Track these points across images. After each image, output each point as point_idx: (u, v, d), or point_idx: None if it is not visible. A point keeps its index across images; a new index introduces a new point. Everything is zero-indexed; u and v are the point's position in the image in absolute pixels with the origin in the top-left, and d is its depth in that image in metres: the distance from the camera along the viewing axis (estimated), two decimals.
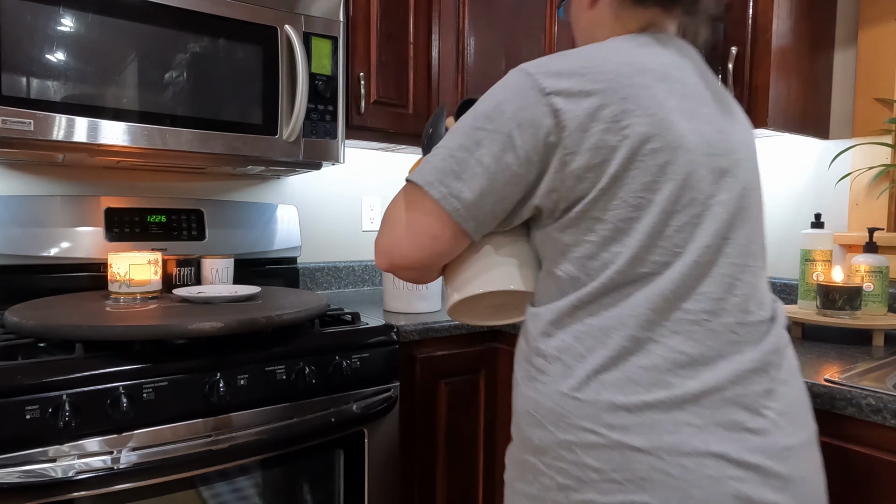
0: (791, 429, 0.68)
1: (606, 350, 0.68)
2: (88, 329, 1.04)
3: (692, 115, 0.71)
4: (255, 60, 1.41)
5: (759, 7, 1.33)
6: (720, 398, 0.66)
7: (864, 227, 1.48)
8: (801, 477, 0.67)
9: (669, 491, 0.63)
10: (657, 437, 0.64)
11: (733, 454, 0.64)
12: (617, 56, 0.71)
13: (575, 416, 0.68)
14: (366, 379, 1.31)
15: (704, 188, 0.70)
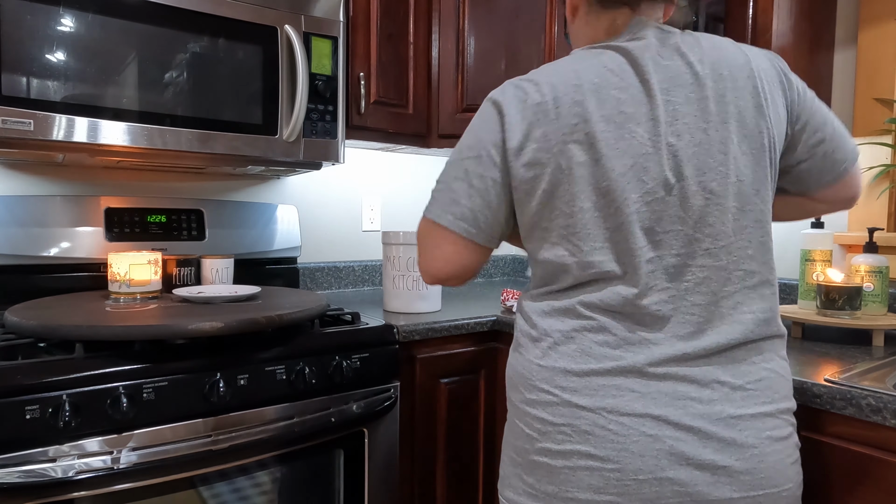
0: (744, 402, 0.76)
1: (567, 328, 0.81)
2: (88, 329, 1.04)
3: (621, 123, 0.78)
4: (255, 60, 1.41)
5: (759, 7, 1.33)
6: (666, 372, 0.76)
7: (863, 227, 1.48)
8: (748, 443, 0.75)
9: (608, 444, 0.75)
10: (600, 398, 0.76)
11: (672, 417, 0.74)
12: (557, 76, 0.82)
13: (537, 379, 0.81)
14: (366, 379, 1.31)
15: (631, 195, 0.78)
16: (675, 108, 0.79)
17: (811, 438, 0.96)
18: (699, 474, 0.74)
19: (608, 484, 0.75)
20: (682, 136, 0.78)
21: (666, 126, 0.78)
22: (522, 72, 1.75)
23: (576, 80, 0.81)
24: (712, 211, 0.78)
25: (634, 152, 0.78)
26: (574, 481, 0.77)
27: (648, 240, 0.79)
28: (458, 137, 1.80)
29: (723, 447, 0.74)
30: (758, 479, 0.75)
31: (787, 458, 0.78)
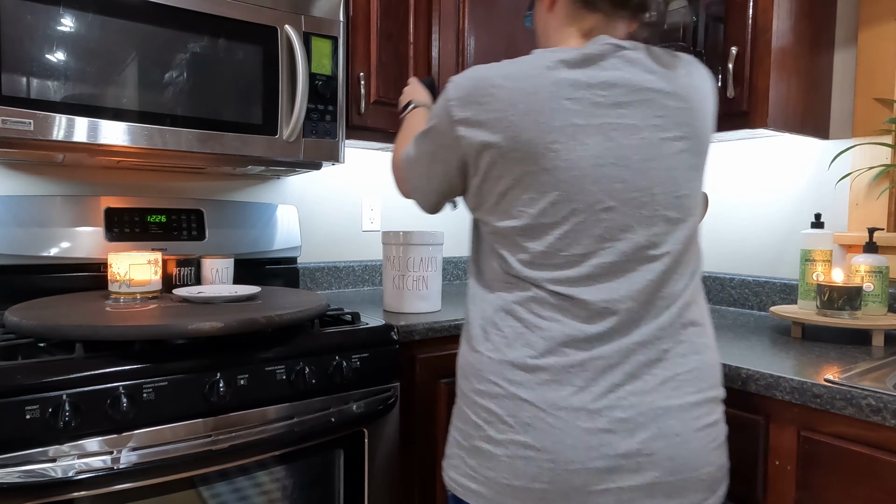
0: (673, 392, 0.82)
1: (517, 324, 0.86)
2: (88, 329, 1.04)
3: (578, 131, 0.82)
4: (255, 60, 1.41)
5: (759, 7, 1.33)
6: (605, 365, 0.82)
7: (864, 227, 1.48)
8: (673, 432, 0.81)
9: (546, 435, 0.81)
10: (542, 393, 0.82)
11: (606, 411, 0.80)
12: (517, 81, 0.84)
13: (486, 371, 0.87)
14: (366, 379, 1.31)
15: (587, 199, 0.82)
16: (625, 119, 0.83)
17: (811, 438, 0.96)
18: (624, 462, 0.80)
19: (542, 472, 0.81)
20: (630, 148, 0.83)
21: (614, 136, 0.83)
22: None
23: (531, 87, 0.83)
24: (657, 218, 0.84)
25: (585, 163, 0.82)
26: (512, 469, 0.82)
27: (595, 241, 0.83)
28: None
29: (651, 437, 0.80)
30: (679, 464, 0.81)
31: (710, 444, 0.84)
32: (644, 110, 0.83)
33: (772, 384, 1.00)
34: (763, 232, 1.68)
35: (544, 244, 0.84)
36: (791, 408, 0.99)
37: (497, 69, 0.86)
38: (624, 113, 0.83)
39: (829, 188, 1.54)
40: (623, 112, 0.83)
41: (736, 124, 1.38)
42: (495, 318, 0.88)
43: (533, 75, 0.83)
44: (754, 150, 1.69)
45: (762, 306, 1.64)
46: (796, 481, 0.99)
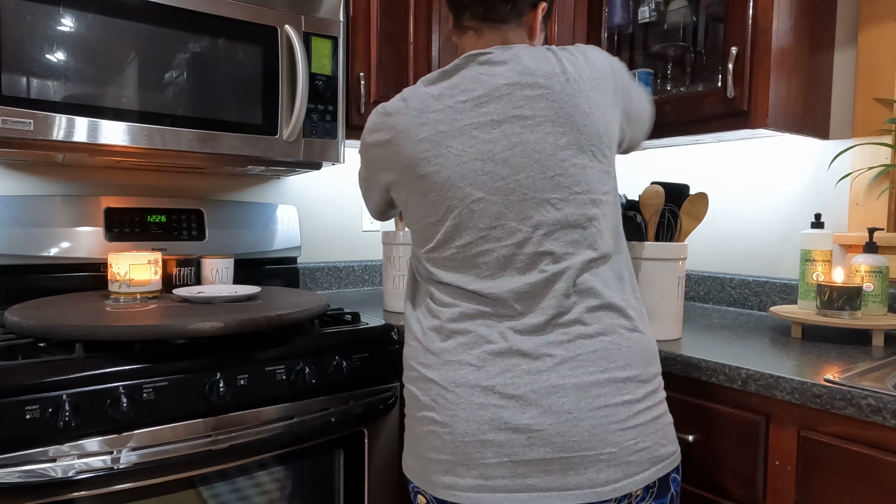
0: (570, 372, 0.86)
1: (429, 312, 0.95)
2: (88, 329, 1.04)
3: (443, 137, 0.91)
4: (255, 60, 1.41)
5: (759, 7, 1.33)
6: (503, 347, 0.87)
7: (864, 227, 1.48)
8: (563, 409, 0.84)
9: (446, 410, 0.88)
10: (445, 372, 0.89)
11: (499, 387, 0.86)
12: (396, 111, 0.96)
13: (409, 357, 0.97)
14: (366, 379, 1.31)
15: (458, 194, 0.90)
16: (486, 117, 0.91)
17: (811, 438, 0.96)
18: (515, 437, 0.84)
19: (445, 445, 0.88)
20: (492, 142, 0.90)
21: (476, 134, 0.91)
22: None
23: (395, 113, 0.96)
24: (529, 201, 0.90)
25: (451, 163, 0.90)
26: (427, 442, 0.90)
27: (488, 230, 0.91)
28: None
29: (540, 413, 0.84)
30: (570, 441, 0.84)
31: (612, 423, 0.85)
32: (503, 104, 0.90)
33: (772, 384, 1.00)
34: (763, 232, 1.68)
35: (435, 241, 0.94)
36: (791, 408, 0.99)
37: (389, 103, 0.99)
38: (485, 111, 0.90)
39: (829, 188, 1.54)
40: (484, 111, 0.91)
41: (736, 124, 1.38)
42: (415, 312, 0.99)
43: (405, 100, 0.96)
44: (754, 150, 1.69)
45: (762, 306, 1.64)
46: (796, 481, 0.99)
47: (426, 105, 0.93)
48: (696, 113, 1.43)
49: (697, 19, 1.61)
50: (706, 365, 1.09)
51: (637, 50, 1.75)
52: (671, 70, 1.69)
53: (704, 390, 1.11)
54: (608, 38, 1.67)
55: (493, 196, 0.89)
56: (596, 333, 0.88)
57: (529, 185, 0.89)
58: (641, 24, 1.64)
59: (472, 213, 0.90)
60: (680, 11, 1.61)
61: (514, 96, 0.90)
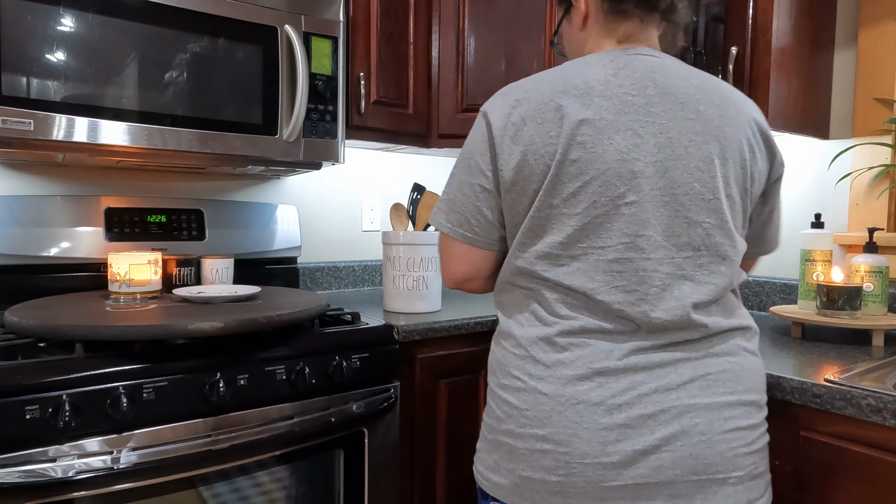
0: (700, 391, 0.81)
1: (538, 322, 0.87)
2: (88, 329, 1.04)
3: (605, 128, 0.82)
4: (255, 60, 1.41)
5: (759, 7, 1.33)
6: (627, 364, 0.81)
7: (864, 227, 1.48)
8: (695, 430, 0.79)
9: (562, 428, 0.81)
10: (561, 388, 0.82)
11: (625, 407, 0.79)
12: (540, 82, 0.86)
13: (509, 364, 0.88)
14: (366, 379, 1.31)
15: (610, 192, 0.81)
16: (658, 120, 0.83)
17: (811, 438, 0.96)
18: (643, 459, 0.78)
19: (558, 465, 0.81)
20: (661, 150, 0.83)
21: (653, 135, 0.83)
22: (522, 72, 1.75)
23: (561, 85, 0.85)
24: (680, 219, 0.83)
25: (609, 158, 0.81)
26: (530, 461, 0.83)
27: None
28: (458, 137, 1.80)
29: (672, 434, 0.79)
30: (701, 464, 0.79)
31: (740, 448, 0.81)
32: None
33: (772, 384, 1.00)
34: None
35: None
36: (791, 408, 0.99)
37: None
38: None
39: (829, 188, 1.54)
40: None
41: None
42: (517, 315, 0.90)
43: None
44: None
45: (762, 306, 1.64)
46: (796, 481, 0.99)
47: (567, 86, 0.86)
48: None
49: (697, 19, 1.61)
50: None
51: None
52: None
53: None
54: None
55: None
56: (723, 353, 0.84)
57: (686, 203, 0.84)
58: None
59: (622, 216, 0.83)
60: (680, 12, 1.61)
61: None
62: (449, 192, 0.94)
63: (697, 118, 0.84)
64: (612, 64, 0.86)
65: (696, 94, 0.85)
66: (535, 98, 0.85)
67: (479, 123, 0.91)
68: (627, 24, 0.91)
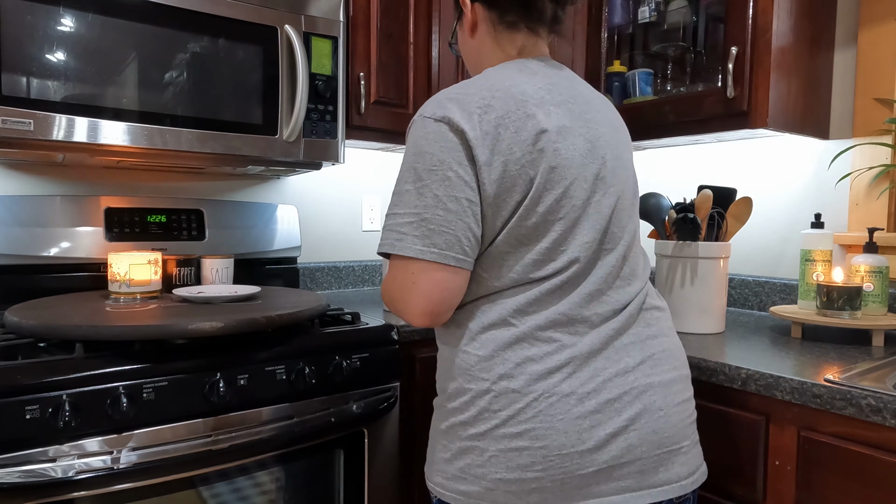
0: (652, 370, 0.86)
1: (502, 320, 0.86)
2: (88, 329, 1.04)
3: (567, 134, 0.86)
4: (255, 60, 1.41)
5: (759, 7, 1.33)
6: (588, 352, 0.84)
7: (864, 227, 1.48)
8: (657, 407, 0.85)
9: (538, 422, 0.81)
10: (534, 384, 0.83)
11: (593, 393, 0.82)
12: (501, 91, 0.86)
13: (472, 366, 0.86)
14: (366, 379, 1.31)
15: (582, 195, 0.86)
16: (593, 125, 0.90)
17: (811, 438, 0.96)
18: (613, 441, 0.82)
19: (535, 461, 0.81)
20: (608, 149, 0.91)
21: (595, 138, 0.89)
22: None
23: (520, 94, 0.86)
24: (617, 210, 0.90)
25: (576, 163, 0.86)
26: (504, 462, 0.82)
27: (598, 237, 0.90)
28: None
29: (636, 413, 0.83)
30: (663, 437, 0.85)
31: (686, 419, 0.88)
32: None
33: (772, 384, 1.00)
34: (763, 232, 1.68)
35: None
36: (791, 408, 0.99)
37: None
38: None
39: (829, 188, 1.54)
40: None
41: (736, 124, 1.38)
42: (478, 318, 0.88)
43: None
44: (754, 150, 1.69)
45: (762, 306, 1.64)
46: (796, 481, 0.99)
47: (541, 96, 0.89)
48: (696, 113, 1.43)
49: (697, 19, 1.61)
50: (706, 365, 1.09)
51: (637, 50, 1.75)
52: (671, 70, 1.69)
53: (705, 390, 1.11)
54: (608, 38, 1.67)
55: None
56: (658, 334, 0.91)
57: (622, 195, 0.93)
58: (641, 24, 1.64)
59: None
60: (680, 11, 1.61)
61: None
62: (420, 209, 0.83)
63: (609, 122, 0.93)
64: (540, 73, 0.91)
65: (596, 100, 0.94)
66: (501, 105, 0.84)
67: (441, 130, 0.83)
68: (520, 35, 0.95)
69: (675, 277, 1.37)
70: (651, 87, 1.64)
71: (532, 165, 0.83)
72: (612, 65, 1.67)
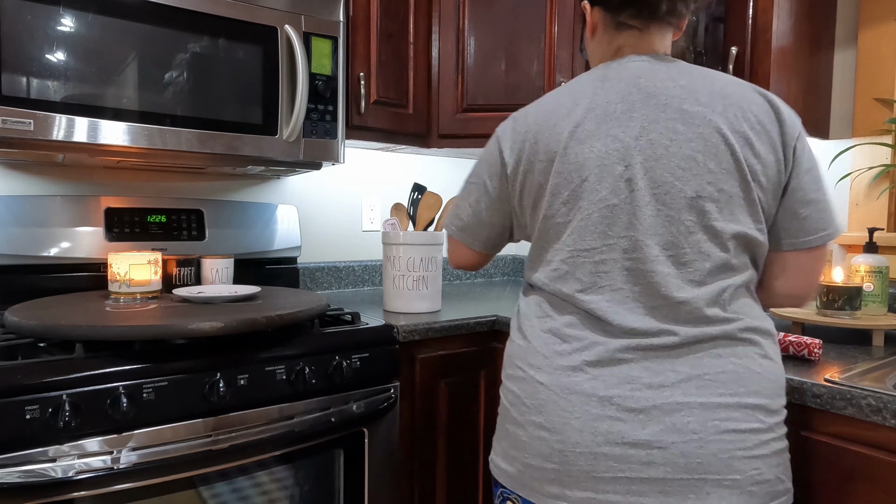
0: (696, 391, 0.81)
1: (542, 315, 0.91)
2: (88, 329, 1.04)
3: (586, 137, 0.87)
4: (255, 60, 1.41)
5: (759, 7, 1.33)
6: (622, 357, 0.83)
7: (864, 227, 1.48)
8: (689, 429, 0.80)
9: (556, 416, 0.84)
10: (558, 377, 0.86)
11: (617, 399, 0.82)
12: (539, 105, 0.94)
13: (514, 355, 0.93)
14: (366, 379, 1.31)
15: (594, 196, 0.86)
16: (639, 123, 0.86)
17: (811, 438, 0.96)
18: (633, 452, 0.80)
19: (553, 453, 0.84)
20: (641, 152, 0.85)
21: (626, 140, 0.86)
22: (522, 72, 1.75)
23: (556, 108, 0.91)
24: (662, 217, 0.85)
25: (591, 164, 0.87)
26: (531, 448, 0.86)
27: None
28: (457, 137, 1.80)
29: (663, 430, 0.80)
30: (694, 462, 0.79)
31: (738, 450, 0.80)
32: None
33: None
34: None
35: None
36: (791, 408, 0.99)
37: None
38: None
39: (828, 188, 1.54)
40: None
41: None
42: (528, 308, 0.95)
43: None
44: None
45: None
46: (796, 481, 0.99)
47: (557, 107, 0.94)
48: None
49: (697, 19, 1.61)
50: None
51: None
52: None
53: None
54: None
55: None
56: (727, 355, 0.83)
57: (669, 203, 0.89)
58: None
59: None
60: None
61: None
62: (458, 200, 1.07)
63: (679, 118, 0.85)
64: (600, 76, 0.91)
65: (680, 94, 0.86)
66: (534, 123, 0.93)
67: (491, 143, 1.00)
68: (623, 35, 0.95)
69: None
70: None
71: (546, 173, 0.90)
72: None
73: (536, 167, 0.91)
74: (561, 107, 0.91)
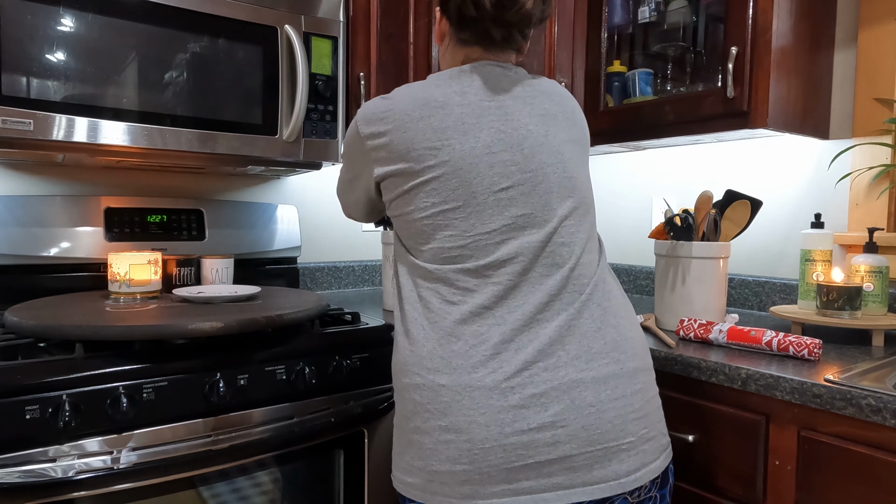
0: (586, 365, 0.86)
1: (429, 312, 0.91)
2: (88, 329, 1.04)
3: (466, 130, 0.91)
4: (255, 60, 1.41)
5: (759, 7, 1.33)
6: (514, 346, 0.85)
7: (864, 227, 1.48)
8: (585, 403, 0.84)
9: (461, 415, 0.84)
10: (457, 377, 0.85)
11: (518, 387, 0.84)
12: (409, 95, 0.94)
13: (407, 363, 0.91)
14: (366, 379, 1.31)
15: (484, 183, 0.89)
16: (516, 117, 0.93)
17: (811, 438, 0.96)
18: (539, 436, 0.82)
19: (461, 454, 0.84)
20: (525, 140, 0.92)
21: (508, 131, 0.92)
22: None
23: (423, 99, 0.94)
24: (540, 192, 0.91)
25: (479, 153, 0.90)
26: (436, 454, 0.86)
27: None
28: None
29: (563, 409, 0.83)
30: (595, 434, 0.84)
31: (630, 414, 0.87)
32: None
33: (772, 384, 1.00)
34: (763, 232, 1.68)
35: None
36: (791, 408, 0.99)
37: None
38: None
39: (829, 188, 1.54)
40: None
41: (736, 124, 1.38)
42: (410, 313, 0.93)
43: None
44: (754, 150, 1.69)
45: (762, 306, 1.64)
46: (796, 481, 0.99)
47: (449, 97, 0.97)
48: (696, 113, 1.43)
49: (697, 19, 1.61)
50: (706, 365, 1.09)
51: (637, 50, 1.75)
52: (671, 70, 1.69)
53: (704, 390, 1.11)
54: (608, 38, 1.67)
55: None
56: (603, 326, 0.89)
57: (548, 176, 0.94)
58: (641, 24, 1.64)
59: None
60: (680, 11, 1.61)
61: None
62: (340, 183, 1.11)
63: (546, 113, 0.95)
64: (465, 77, 0.96)
65: (538, 95, 0.96)
66: (400, 109, 0.94)
67: (352, 128, 1.01)
68: (468, 49, 1.01)
69: (675, 277, 1.37)
70: (651, 87, 1.64)
71: (430, 159, 0.91)
72: (612, 65, 1.67)
73: (421, 156, 0.96)
74: (431, 100, 0.95)
